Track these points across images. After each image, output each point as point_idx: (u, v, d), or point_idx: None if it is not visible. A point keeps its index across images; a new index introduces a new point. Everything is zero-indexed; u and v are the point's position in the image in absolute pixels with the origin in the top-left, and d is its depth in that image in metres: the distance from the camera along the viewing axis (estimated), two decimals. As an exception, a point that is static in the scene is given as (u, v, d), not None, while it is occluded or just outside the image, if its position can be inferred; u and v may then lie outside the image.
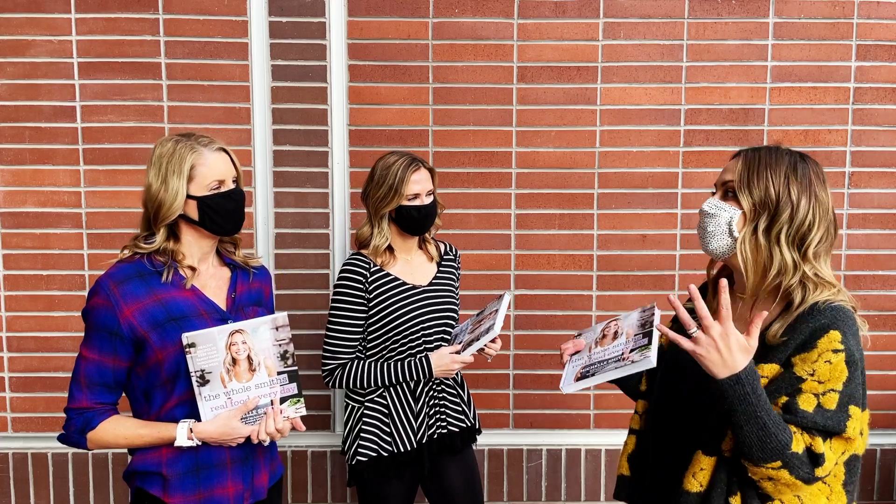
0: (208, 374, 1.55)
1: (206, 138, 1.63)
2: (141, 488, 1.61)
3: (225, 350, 1.56)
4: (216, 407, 1.58)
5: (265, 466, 1.73)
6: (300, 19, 2.72)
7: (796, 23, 2.76)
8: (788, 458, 1.26)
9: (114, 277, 1.57)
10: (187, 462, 1.60)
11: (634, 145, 2.80)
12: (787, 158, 1.40)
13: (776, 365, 1.34)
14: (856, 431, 1.29)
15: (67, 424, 1.61)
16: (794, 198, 1.37)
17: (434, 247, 2.24)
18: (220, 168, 1.62)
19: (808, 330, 1.31)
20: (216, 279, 1.70)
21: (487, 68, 2.76)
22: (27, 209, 2.77)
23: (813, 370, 1.29)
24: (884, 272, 2.85)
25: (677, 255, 2.85)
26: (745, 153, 1.44)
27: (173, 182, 1.57)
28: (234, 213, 1.65)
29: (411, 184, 2.05)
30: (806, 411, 1.28)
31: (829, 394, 1.28)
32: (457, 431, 2.17)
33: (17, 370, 2.82)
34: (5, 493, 2.86)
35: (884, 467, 2.91)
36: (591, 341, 1.65)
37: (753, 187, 1.37)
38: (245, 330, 1.58)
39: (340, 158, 2.78)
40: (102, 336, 1.55)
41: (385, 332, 2.08)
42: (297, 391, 1.66)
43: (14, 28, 2.69)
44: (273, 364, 1.63)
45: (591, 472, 2.94)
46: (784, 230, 1.36)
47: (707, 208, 1.43)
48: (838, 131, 2.80)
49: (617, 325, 1.61)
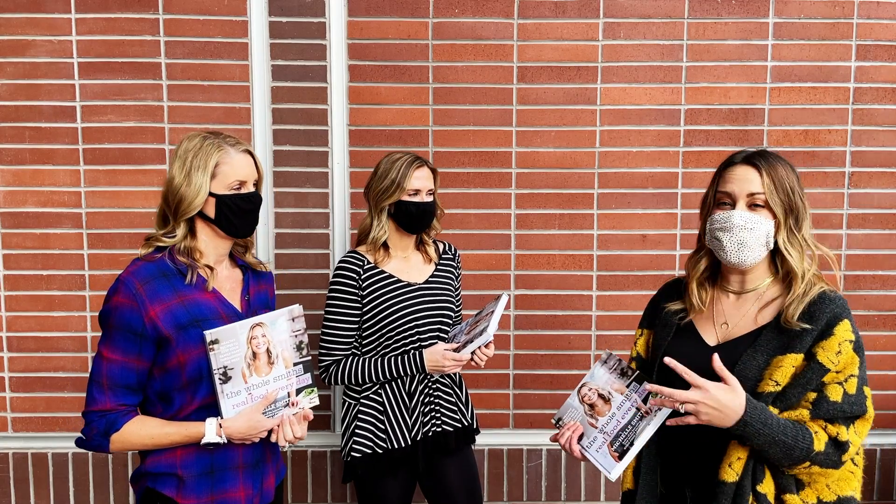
0: (230, 371, 1.54)
1: (233, 139, 1.65)
2: (152, 489, 1.60)
3: (246, 345, 1.56)
4: (237, 404, 1.57)
5: (272, 469, 1.75)
6: (300, 19, 2.72)
7: (796, 23, 2.76)
8: (815, 457, 1.37)
9: (138, 276, 1.55)
10: (202, 464, 1.59)
11: (634, 145, 2.80)
12: (787, 162, 1.51)
13: (800, 355, 1.41)
14: (871, 407, 1.42)
15: (88, 427, 1.56)
16: (803, 198, 1.49)
17: (433, 249, 2.24)
18: (244, 169, 1.63)
19: (826, 319, 1.41)
20: (231, 281, 1.71)
21: (487, 68, 2.76)
22: (27, 209, 2.77)
23: (837, 360, 1.39)
24: (884, 272, 2.85)
25: (677, 255, 2.85)
26: (759, 163, 1.48)
27: (197, 177, 1.57)
28: (250, 216, 1.66)
29: (413, 179, 2.08)
30: (836, 402, 1.38)
31: (851, 379, 1.39)
32: (451, 431, 2.17)
33: (17, 370, 2.82)
34: (5, 493, 2.86)
35: (884, 467, 2.91)
36: (584, 418, 1.59)
37: (781, 195, 1.47)
38: (265, 323, 1.58)
39: (340, 158, 2.78)
40: (127, 336, 1.53)
41: (378, 328, 2.09)
42: (311, 381, 1.68)
43: (14, 28, 2.69)
44: (290, 356, 1.64)
45: (591, 472, 2.94)
46: (804, 228, 1.49)
47: (743, 223, 1.47)
48: (838, 131, 2.80)
49: (593, 390, 1.59)
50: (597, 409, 1.58)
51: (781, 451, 1.36)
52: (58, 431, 2.84)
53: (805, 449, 1.36)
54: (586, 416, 1.59)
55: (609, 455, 1.52)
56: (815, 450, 1.36)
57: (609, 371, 1.56)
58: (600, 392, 1.58)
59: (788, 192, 1.46)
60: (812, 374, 1.39)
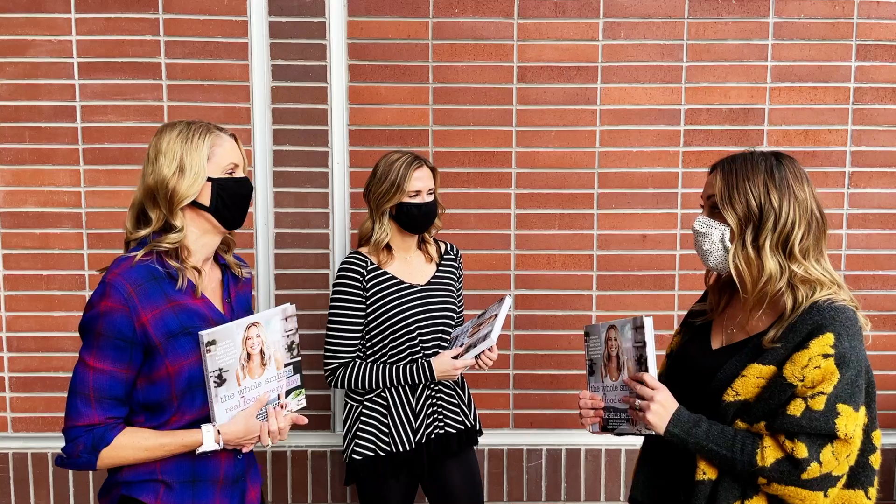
0: (225, 373, 1.45)
1: (213, 124, 1.56)
2: (128, 496, 1.49)
3: (241, 345, 1.48)
4: (230, 408, 1.49)
5: (252, 482, 1.66)
6: (300, 19, 2.72)
7: (796, 23, 2.76)
8: (764, 472, 1.31)
9: (129, 279, 1.43)
10: (184, 472, 1.51)
11: (634, 145, 2.80)
12: (762, 165, 1.40)
13: (768, 367, 1.34)
14: (849, 429, 1.29)
15: (73, 444, 1.43)
16: (776, 204, 1.37)
17: (434, 247, 2.24)
18: (236, 152, 1.56)
19: (806, 331, 1.32)
20: (212, 281, 1.61)
21: (487, 68, 2.76)
22: (27, 209, 2.76)
23: (803, 376, 1.29)
24: (884, 272, 2.85)
25: (677, 255, 2.85)
26: (721, 167, 1.44)
27: (194, 159, 1.47)
28: (244, 202, 1.57)
29: (413, 180, 2.06)
30: (793, 416, 1.29)
31: (818, 396, 1.29)
32: (453, 433, 2.16)
33: (17, 370, 2.82)
34: (5, 493, 2.86)
35: (884, 467, 2.91)
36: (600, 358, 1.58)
37: (735, 202, 1.38)
38: (260, 322, 1.51)
39: (340, 158, 2.78)
40: (117, 344, 1.41)
41: (382, 330, 2.09)
42: (299, 383, 1.62)
43: (14, 28, 2.69)
44: (281, 356, 1.57)
45: (591, 472, 2.93)
46: (769, 238, 1.36)
47: (699, 227, 1.45)
48: (838, 131, 2.80)
49: (616, 343, 1.54)
50: (610, 367, 1.55)
51: (719, 462, 1.35)
52: (58, 431, 2.84)
53: (746, 462, 1.32)
54: (602, 359, 1.57)
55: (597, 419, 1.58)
56: (758, 464, 1.31)
57: (634, 342, 1.48)
58: (620, 353, 1.53)
59: (748, 199, 1.37)
60: (775, 389, 1.32)
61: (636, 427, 1.47)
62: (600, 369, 1.57)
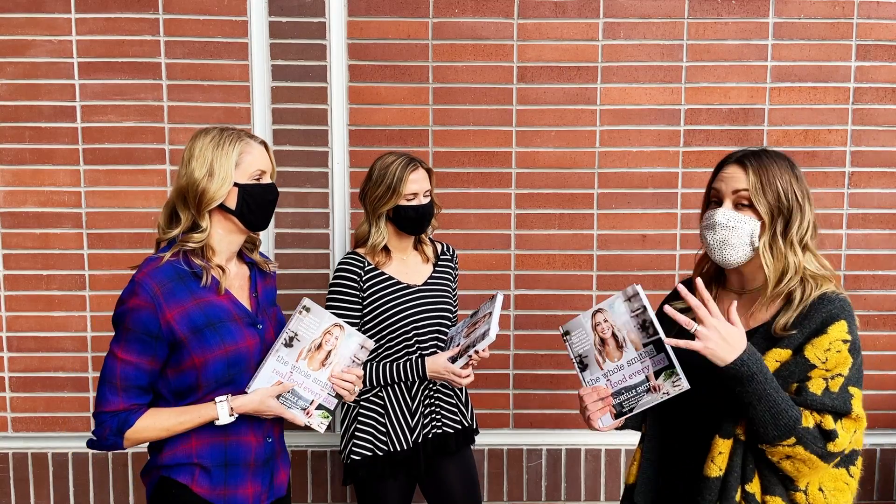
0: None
1: (245, 132, 1.66)
2: (167, 477, 1.62)
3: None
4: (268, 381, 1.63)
5: (282, 463, 1.77)
6: (300, 19, 2.72)
7: (796, 23, 2.76)
8: (801, 434, 1.33)
9: (156, 278, 1.54)
10: (218, 456, 1.62)
11: (634, 145, 2.80)
12: (785, 162, 1.47)
13: (788, 350, 1.40)
14: (859, 409, 1.38)
15: (100, 428, 1.57)
16: (801, 200, 1.44)
17: (430, 247, 2.24)
18: (264, 159, 1.66)
19: (821, 318, 1.38)
20: (239, 278, 1.71)
21: (487, 68, 2.76)
22: (27, 209, 2.77)
23: (826, 358, 1.36)
24: (884, 272, 2.85)
25: (677, 255, 2.85)
26: (748, 161, 1.46)
27: (223, 165, 1.57)
28: (269, 207, 1.68)
29: (409, 183, 2.06)
30: (815, 394, 1.35)
31: (836, 378, 1.36)
32: (451, 433, 2.17)
33: (17, 370, 2.82)
34: (5, 493, 2.86)
35: (884, 467, 2.91)
36: (592, 348, 1.54)
37: (769, 195, 1.43)
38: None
39: (340, 158, 2.78)
40: (142, 339, 1.53)
41: (379, 330, 2.09)
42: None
43: (14, 28, 2.69)
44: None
45: (591, 472, 2.94)
46: (796, 233, 1.43)
47: (725, 221, 1.45)
48: (838, 131, 2.80)
49: (609, 324, 1.52)
50: (607, 350, 1.51)
51: (769, 413, 1.32)
52: (58, 431, 2.84)
53: (794, 418, 1.33)
54: (595, 347, 1.54)
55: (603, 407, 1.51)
56: (803, 425, 1.33)
57: (630, 313, 1.47)
58: (616, 332, 1.50)
59: (779, 194, 1.42)
60: (795, 368, 1.37)
61: (660, 392, 1.43)
62: (595, 359, 1.54)
